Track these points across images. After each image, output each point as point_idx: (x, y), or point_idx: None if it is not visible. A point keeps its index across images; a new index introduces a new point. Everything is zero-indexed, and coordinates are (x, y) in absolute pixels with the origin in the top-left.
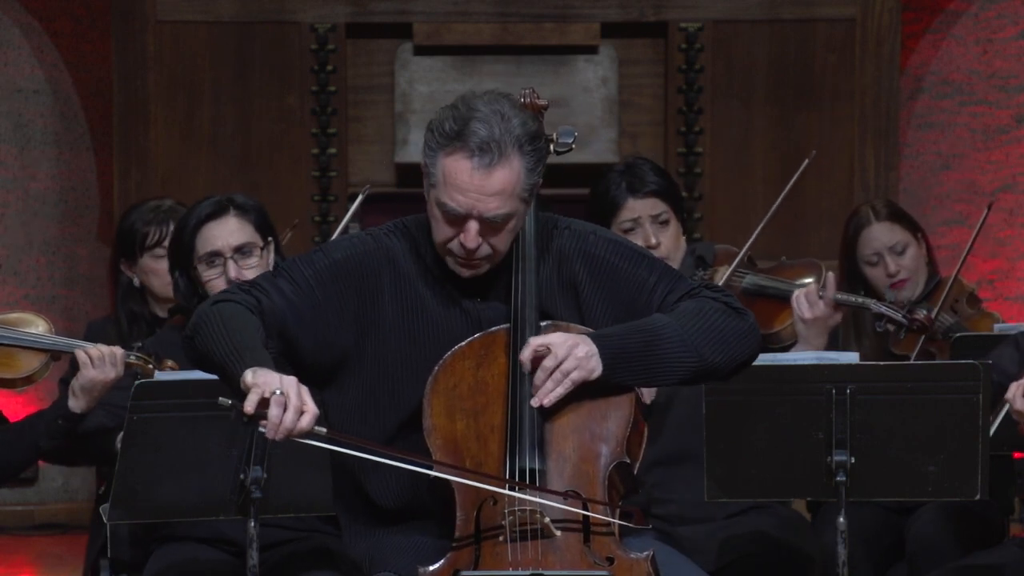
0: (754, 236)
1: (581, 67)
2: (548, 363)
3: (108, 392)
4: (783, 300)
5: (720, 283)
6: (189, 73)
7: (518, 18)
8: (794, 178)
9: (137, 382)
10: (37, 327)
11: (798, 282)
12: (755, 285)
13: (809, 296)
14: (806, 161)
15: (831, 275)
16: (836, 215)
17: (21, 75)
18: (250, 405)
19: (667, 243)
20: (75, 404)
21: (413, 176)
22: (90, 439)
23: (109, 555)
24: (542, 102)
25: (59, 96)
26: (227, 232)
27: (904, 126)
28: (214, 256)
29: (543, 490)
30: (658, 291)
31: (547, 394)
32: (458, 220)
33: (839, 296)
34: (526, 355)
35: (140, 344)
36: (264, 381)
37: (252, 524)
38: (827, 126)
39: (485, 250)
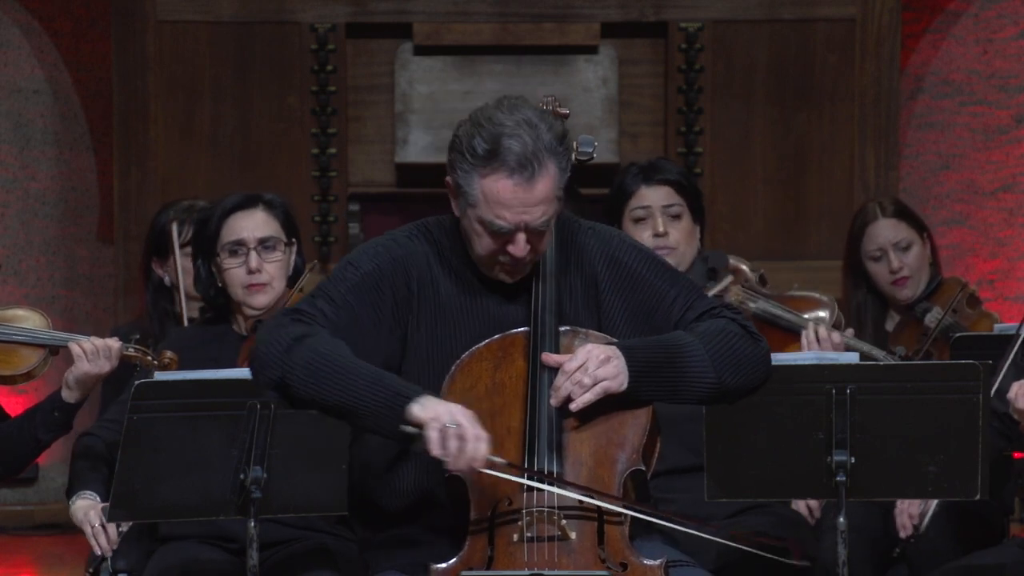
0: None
1: (581, 67)
2: (580, 376)
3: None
4: (792, 332)
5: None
6: (189, 73)
7: (518, 18)
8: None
9: (137, 382)
10: (33, 322)
11: (808, 315)
12: (766, 312)
13: (821, 334)
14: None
15: (850, 332)
16: (836, 215)
17: (21, 75)
18: (435, 444)
19: (676, 236)
20: (69, 395)
21: (413, 176)
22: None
23: (110, 556)
24: (564, 111)
25: (59, 96)
26: (254, 224)
27: (904, 126)
28: (238, 245)
29: (579, 487)
30: (678, 305)
31: (577, 397)
32: (504, 235)
33: (850, 340)
34: (560, 380)
35: (138, 336)
36: (436, 414)
37: (252, 524)
38: (827, 126)
39: (530, 255)
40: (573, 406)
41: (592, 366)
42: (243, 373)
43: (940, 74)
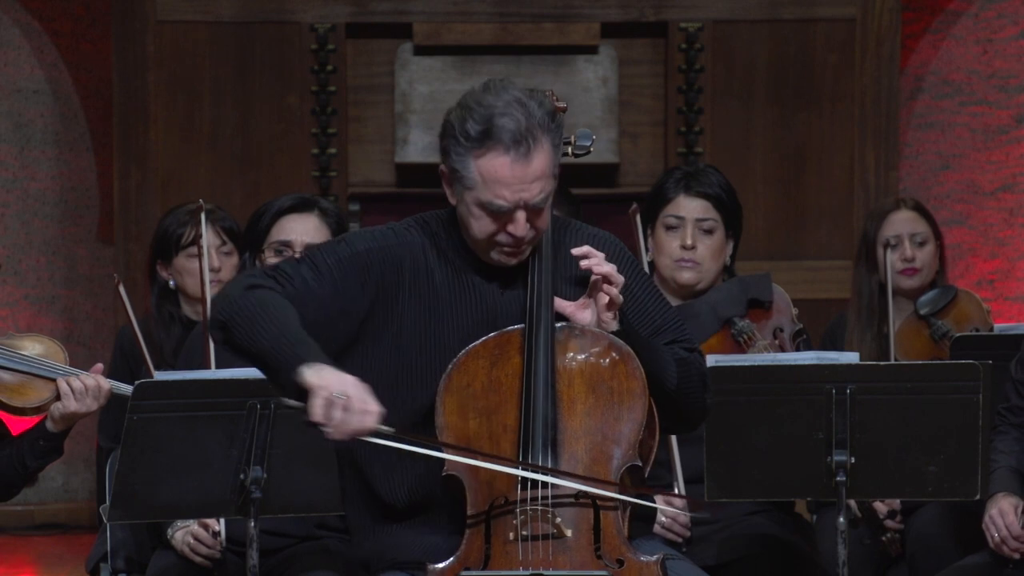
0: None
1: (581, 67)
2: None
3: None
4: None
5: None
6: (189, 73)
7: (518, 18)
8: None
9: (137, 382)
10: (40, 350)
11: None
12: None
13: None
14: None
15: None
16: (836, 215)
17: (21, 75)
18: (318, 411)
19: (704, 251)
20: (53, 427)
21: (413, 176)
22: None
23: (110, 556)
24: (561, 104)
25: (59, 96)
26: (304, 228)
27: (904, 126)
28: (284, 246)
29: (572, 475)
30: (663, 337)
31: (600, 262)
32: (504, 215)
33: None
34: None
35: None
36: (327, 383)
37: (252, 524)
38: (827, 126)
39: (531, 233)
40: (596, 264)
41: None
42: (244, 373)
43: (940, 74)
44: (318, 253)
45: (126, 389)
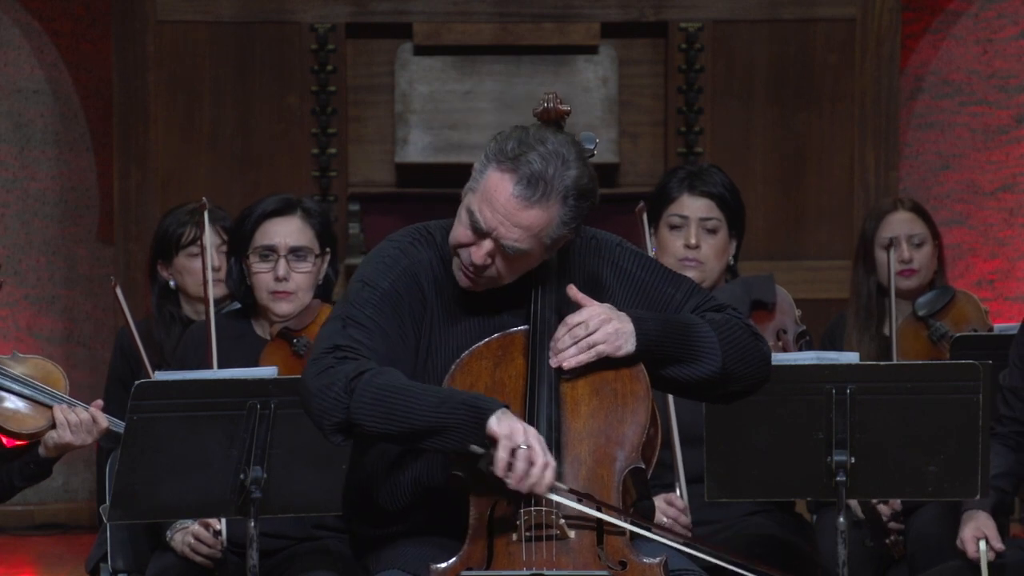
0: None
1: (581, 67)
2: (579, 331)
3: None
4: None
5: None
6: (189, 73)
7: (518, 18)
8: None
9: (138, 382)
10: (39, 373)
11: None
12: None
13: None
14: None
15: None
16: (836, 215)
17: (21, 75)
18: (502, 464)
19: (707, 250)
20: (45, 454)
21: (413, 176)
22: None
23: (110, 556)
24: (564, 107)
25: (59, 96)
26: (287, 231)
27: (904, 126)
28: (268, 250)
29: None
30: (686, 308)
31: (569, 358)
32: (477, 232)
33: None
34: (560, 332)
35: None
36: (511, 432)
37: (252, 524)
38: (827, 126)
39: (491, 272)
40: (567, 364)
41: (593, 323)
42: (244, 373)
43: (940, 74)
44: (352, 309)
45: (122, 426)
